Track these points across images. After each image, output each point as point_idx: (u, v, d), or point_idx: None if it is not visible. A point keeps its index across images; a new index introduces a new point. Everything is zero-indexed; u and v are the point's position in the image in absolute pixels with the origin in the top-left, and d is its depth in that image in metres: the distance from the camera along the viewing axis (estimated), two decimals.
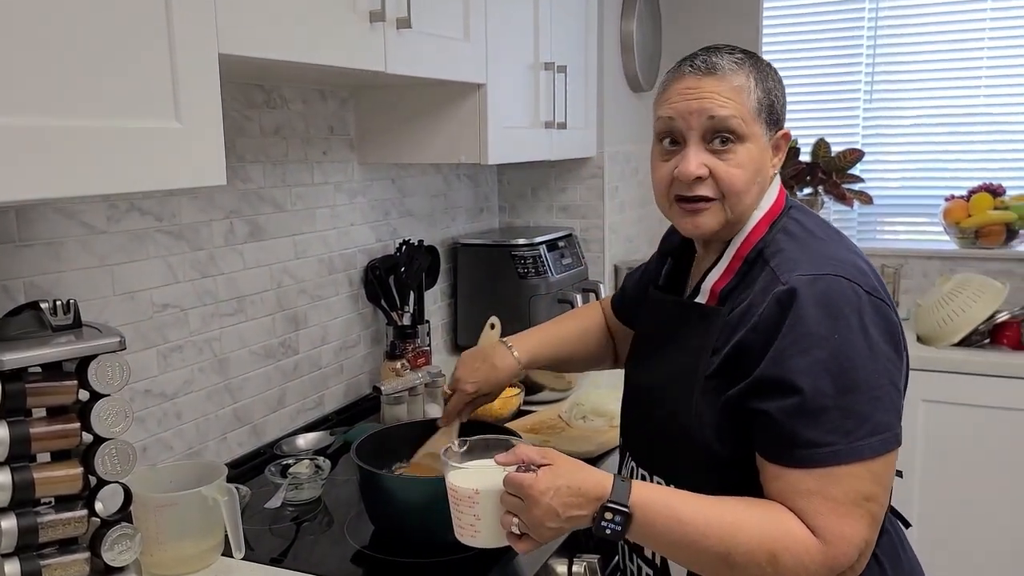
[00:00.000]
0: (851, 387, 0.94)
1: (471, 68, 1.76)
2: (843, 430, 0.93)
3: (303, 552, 1.32)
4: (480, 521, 1.05)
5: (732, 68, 1.08)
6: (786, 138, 1.14)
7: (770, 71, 1.12)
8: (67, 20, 0.88)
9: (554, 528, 0.99)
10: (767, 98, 1.10)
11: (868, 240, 3.03)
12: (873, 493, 0.94)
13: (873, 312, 0.98)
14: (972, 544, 2.36)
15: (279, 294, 1.77)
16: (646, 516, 0.97)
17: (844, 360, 0.94)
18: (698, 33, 3.04)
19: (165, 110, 1.00)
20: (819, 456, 0.93)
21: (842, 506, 0.93)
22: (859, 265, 1.02)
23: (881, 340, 0.97)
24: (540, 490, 0.98)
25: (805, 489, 0.94)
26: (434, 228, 2.35)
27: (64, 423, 1.01)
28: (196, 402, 1.57)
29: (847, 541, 0.93)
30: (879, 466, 0.95)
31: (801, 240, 1.06)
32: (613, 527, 0.97)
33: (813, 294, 0.97)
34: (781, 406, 0.95)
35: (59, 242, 1.29)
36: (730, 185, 1.07)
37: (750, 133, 1.07)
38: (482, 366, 1.41)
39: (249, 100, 1.66)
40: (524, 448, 1.03)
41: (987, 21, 2.76)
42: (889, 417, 0.96)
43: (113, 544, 1.03)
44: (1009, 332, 2.49)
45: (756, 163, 1.08)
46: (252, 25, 1.14)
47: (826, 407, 0.94)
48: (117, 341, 1.02)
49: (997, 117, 2.80)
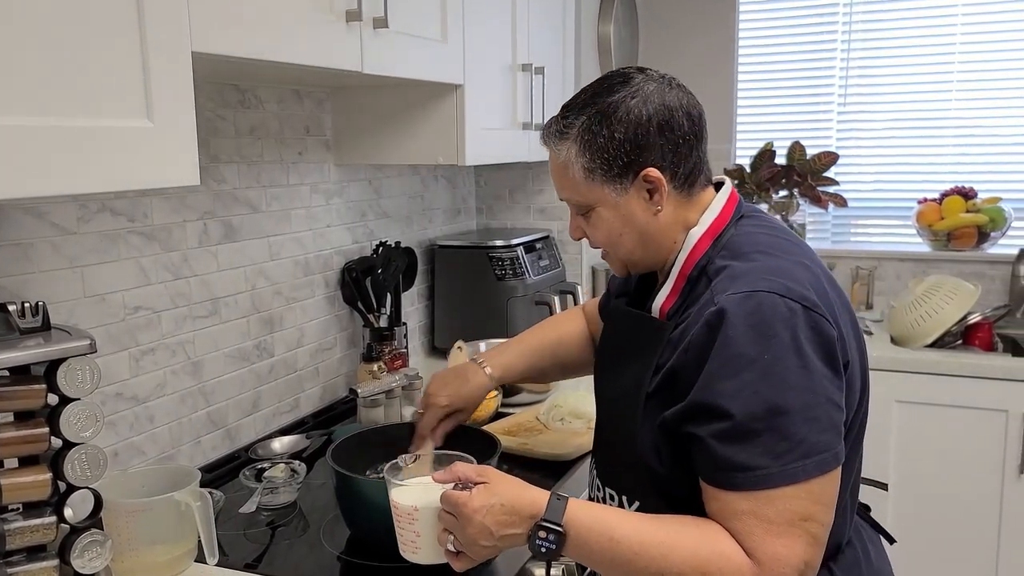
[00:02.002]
0: (783, 409, 0.91)
1: (448, 69, 1.75)
2: (775, 453, 0.91)
3: (278, 557, 1.30)
4: (420, 538, 1.06)
5: (557, 139, 1.09)
6: (651, 177, 1.05)
7: (612, 115, 1.04)
8: (36, 18, 0.86)
9: (488, 547, 1.00)
10: (600, 155, 1.05)
11: (843, 242, 3.06)
12: (811, 513, 0.91)
13: (808, 328, 0.94)
14: (945, 544, 2.38)
15: (254, 296, 1.75)
16: (580, 535, 0.96)
17: (775, 381, 0.92)
18: (675, 36, 3.06)
19: (137, 109, 0.98)
20: (752, 480, 0.91)
21: (777, 527, 0.90)
22: (799, 277, 0.98)
23: (816, 357, 0.94)
24: (474, 508, 0.98)
25: (740, 510, 0.92)
26: (411, 229, 2.34)
27: (32, 428, 0.99)
28: (169, 405, 1.54)
29: (782, 562, 0.90)
30: (817, 486, 0.92)
31: (744, 254, 1.03)
32: (547, 545, 0.97)
33: (743, 313, 0.94)
34: (712, 430, 0.94)
35: (28, 243, 1.27)
36: (598, 244, 1.13)
37: (592, 200, 1.08)
38: (453, 380, 1.41)
39: (224, 100, 1.64)
40: (461, 466, 1.05)
41: (959, 27, 2.80)
42: (826, 437, 0.92)
43: (83, 551, 1.01)
44: (981, 333, 2.53)
45: (617, 219, 1.08)
46: (226, 23, 1.12)
47: (757, 431, 0.91)
48: (87, 344, 1.00)
49: (968, 122, 2.84)
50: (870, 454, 2.41)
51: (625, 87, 1.06)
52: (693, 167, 1.08)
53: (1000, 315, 2.59)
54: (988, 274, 2.78)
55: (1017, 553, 2.31)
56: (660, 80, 1.07)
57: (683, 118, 1.06)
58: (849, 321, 1.04)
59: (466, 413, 1.42)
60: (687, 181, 1.08)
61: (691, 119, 1.07)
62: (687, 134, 1.06)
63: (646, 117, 1.04)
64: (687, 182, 1.08)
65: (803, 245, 1.09)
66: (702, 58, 3.04)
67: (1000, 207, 2.75)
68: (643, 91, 1.05)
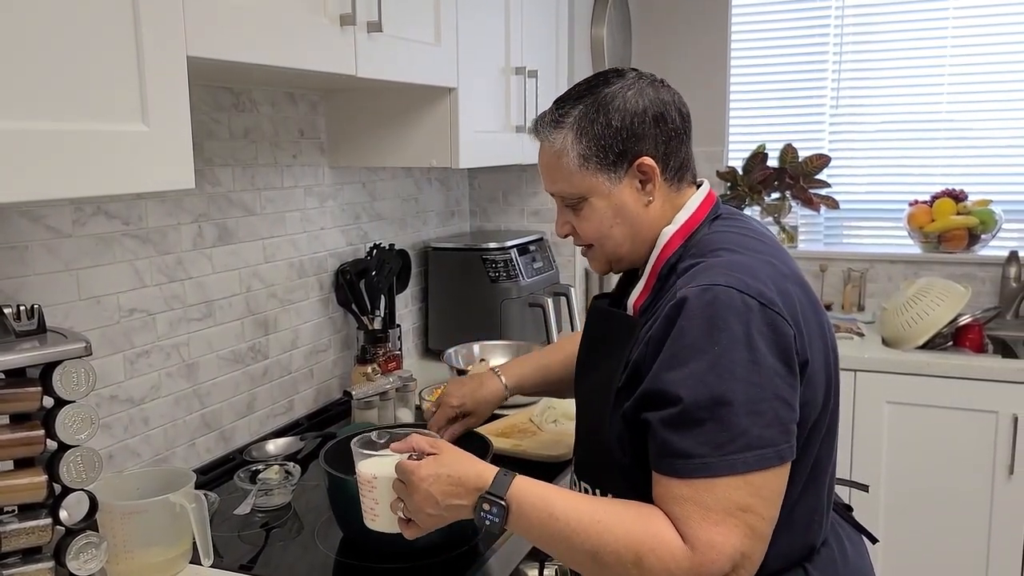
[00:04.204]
0: (727, 400, 0.92)
1: (442, 72, 1.76)
2: (715, 443, 0.92)
3: (272, 559, 1.30)
4: (378, 505, 1.12)
5: (551, 128, 1.12)
6: (644, 166, 1.09)
7: (609, 104, 1.08)
8: (33, 22, 0.87)
9: (433, 515, 1.04)
10: (597, 142, 1.08)
11: (834, 244, 3.08)
12: (750, 505, 0.92)
13: (763, 324, 0.95)
14: (935, 544, 2.40)
15: (248, 298, 1.75)
16: (522, 510, 0.99)
17: (722, 372, 0.93)
18: (668, 39, 3.07)
19: (132, 113, 0.99)
20: (691, 467, 0.93)
21: (715, 515, 0.91)
22: (760, 274, 0.99)
23: (769, 353, 0.94)
24: (421, 476, 1.03)
25: (679, 496, 0.93)
26: (405, 232, 2.34)
27: (27, 430, 1.00)
28: (164, 408, 1.55)
29: (716, 549, 0.90)
30: (759, 479, 0.92)
31: (711, 251, 1.05)
32: (491, 518, 1.00)
33: (699, 305, 0.96)
34: (660, 416, 0.95)
35: (23, 246, 1.27)
36: (587, 238, 1.15)
37: (586, 189, 1.11)
38: (469, 383, 1.47)
39: (218, 102, 1.65)
40: (417, 438, 1.10)
41: (949, 30, 2.82)
42: (770, 432, 0.93)
43: (78, 553, 1.02)
44: (971, 335, 2.55)
45: (610, 209, 1.11)
46: (221, 27, 1.13)
47: (701, 419, 0.93)
48: (82, 346, 1.01)
49: (959, 125, 2.86)
50: (860, 454, 2.44)
51: (620, 80, 1.11)
52: (682, 162, 1.12)
53: (990, 317, 2.61)
54: (978, 276, 2.79)
55: (1007, 553, 2.32)
56: (652, 78, 1.13)
57: (675, 113, 1.11)
58: (815, 321, 1.04)
59: (476, 418, 1.46)
60: (677, 174, 1.12)
61: (682, 116, 1.12)
62: (679, 128, 1.11)
63: (642, 107, 1.08)
64: (677, 175, 1.12)
65: (774, 245, 1.10)
66: (695, 60, 3.05)
67: (990, 209, 2.76)
68: (638, 85, 1.10)
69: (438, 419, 1.45)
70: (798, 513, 1.04)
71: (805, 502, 1.05)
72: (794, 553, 1.06)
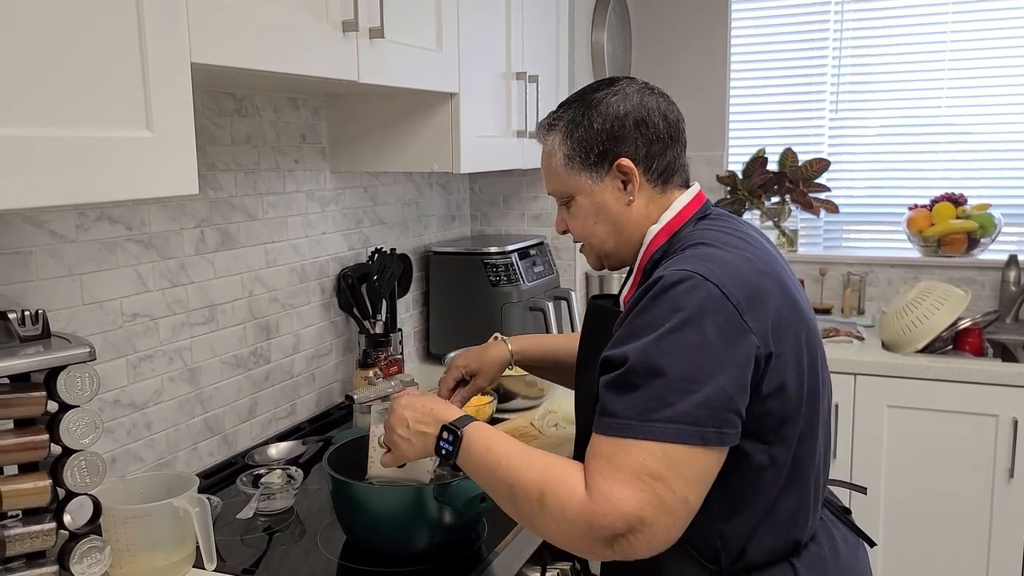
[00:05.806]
0: (661, 371, 0.96)
1: (444, 78, 1.77)
2: (641, 408, 0.96)
3: (275, 563, 1.31)
4: (375, 452, 1.29)
5: (546, 131, 1.21)
6: (624, 167, 1.14)
7: (595, 108, 1.15)
8: (38, 30, 0.87)
9: (403, 437, 1.17)
10: (580, 143, 1.16)
11: (834, 248, 3.08)
12: (662, 475, 0.94)
13: (721, 316, 0.97)
14: (936, 547, 2.40)
15: (250, 303, 1.76)
16: (470, 442, 1.09)
17: (665, 346, 0.96)
18: (668, 44, 3.08)
19: (136, 119, 0.99)
20: (614, 426, 0.97)
21: (622, 473, 0.94)
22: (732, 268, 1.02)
23: (718, 343, 0.96)
24: (401, 403, 1.19)
25: (598, 451, 0.98)
26: (406, 236, 2.35)
27: (32, 435, 1.00)
28: (166, 412, 1.55)
29: (611, 504, 0.93)
30: (680, 455, 0.94)
31: (691, 245, 1.08)
32: (447, 447, 1.11)
33: (663, 287, 1.00)
34: (605, 379, 1.01)
35: (27, 251, 1.28)
36: (576, 234, 1.23)
37: (572, 188, 1.19)
38: (475, 349, 1.57)
39: (220, 108, 1.65)
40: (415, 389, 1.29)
41: (948, 35, 2.83)
42: (698, 412, 0.95)
43: (82, 557, 1.02)
44: (971, 339, 2.55)
45: (593, 207, 1.18)
46: (224, 34, 1.14)
47: (635, 384, 0.97)
48: (86, 351, 1.01)
49: (958, 129, 2.87)
50: (861, 457, 2.45)
51: (609, 87, 1.17)
52: (667, 165, 1.17)
53: (990, 320, 2.62)
54: (978, 280, 2.80)
55: (1007, 556, 2.33)
56: (643, 86, 1.18)
57: (659, 119, 1.16)
58: (791, 318, 1.04)
59: (483, 378, 1.53)
60: (661, 177, 1.17)
61: (667, 122, 1.16)
62: (662, 133, 1.15)
63: (624, 112, 1.15)
64: (661, 178, 1.17)
65: (758, 245, 1.11)
66: (695, 65, 3.06)
67: (990, 213, 2.77)
68: (624, 91, 1.16)
69: (446, 381, 1.54)
70: (781, 508, 1.07)
71: (788, 498, 1.07)
72: (779, 548, 1.08)
